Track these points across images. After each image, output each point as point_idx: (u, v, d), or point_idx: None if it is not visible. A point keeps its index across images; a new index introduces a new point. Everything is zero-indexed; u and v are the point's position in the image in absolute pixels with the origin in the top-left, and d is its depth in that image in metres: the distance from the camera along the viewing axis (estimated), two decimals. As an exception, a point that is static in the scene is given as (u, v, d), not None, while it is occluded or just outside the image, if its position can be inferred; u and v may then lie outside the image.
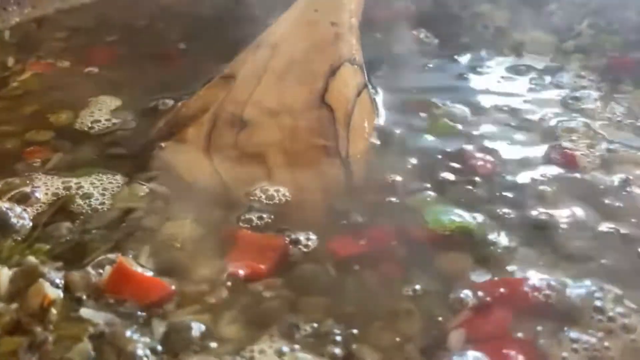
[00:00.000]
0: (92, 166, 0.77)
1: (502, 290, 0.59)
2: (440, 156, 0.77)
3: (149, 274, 0.62)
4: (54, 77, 0.97)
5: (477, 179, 0.72)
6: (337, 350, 0.54)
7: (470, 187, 0.71)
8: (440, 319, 0.57)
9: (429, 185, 0.72)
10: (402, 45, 1.00)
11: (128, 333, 0.56)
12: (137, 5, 1.16)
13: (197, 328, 0.57)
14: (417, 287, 0.60)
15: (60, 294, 0.60)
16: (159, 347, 0.55)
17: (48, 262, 0.64)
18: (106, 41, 1.05)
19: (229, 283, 0.61)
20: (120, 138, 0.83)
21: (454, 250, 0.64)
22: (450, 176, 0.73)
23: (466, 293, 0.59)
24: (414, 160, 0.76)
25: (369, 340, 0.55)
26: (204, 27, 1.06)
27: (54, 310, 0.58)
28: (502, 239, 0.64)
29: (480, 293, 0.59)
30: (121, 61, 1.00)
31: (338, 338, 0.55)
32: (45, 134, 0.84)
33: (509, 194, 0.71)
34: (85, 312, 0.58)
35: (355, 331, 0.56)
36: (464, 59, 0.97)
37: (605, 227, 0.66)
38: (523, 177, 0.73)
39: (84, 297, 0.60)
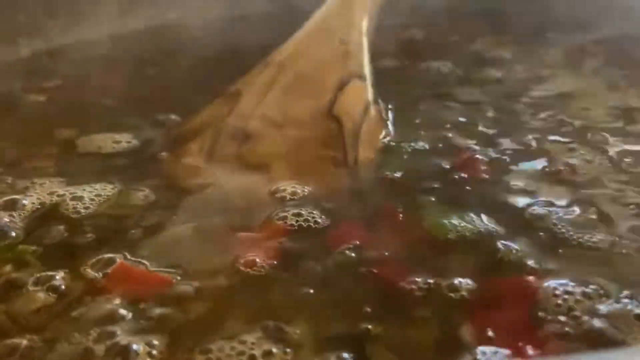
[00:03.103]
0: (90, 174, 0.75)
1: (511, 289, 0.56)
2: (445, 166, 0.75)
3: (148, 269, 0.60)
4: (62, 100, 0.97)
5: (481, 185, 0.72)
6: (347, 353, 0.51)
7: (472, 194, 0.70)
8: (451, 316, 0.54)
9: (432, 191, 0.71)
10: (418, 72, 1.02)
11: (122, 329, 0.53)
12: (148, 39, 1.17)
13: (197, 322, 0.54)
14: (424, 285, 0.57)
15: (51, 296, 0.58)
16: (155, 342, 0.52)
17: (36, 264, 0.62)
18: (116, 69, 1.06)
19: (229, 278, 0.59)
20: (122, 151, 0.81)
21: (456, 251, 0.61)
22: (455, 184, 0.72)
23: (474, 291, 0.56)
24: (418, 168, 0.75)
25: (380, 340, 0.52)
26: (215, 57, 1.06)
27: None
28: (504, 243, 0.62)
29: (488, 290, 0.56)
30: (130, 87, 1.00)
31: (347, 338, 0.52)
32: (48, 147, 0.82)
33: (512, 200, 0.69)
34: (79, 311, 0.56)
35: (368, 327, 0.53)
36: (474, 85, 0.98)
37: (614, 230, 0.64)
38: (526, 184, 0.72)
39: (81, 296, 0.58)
